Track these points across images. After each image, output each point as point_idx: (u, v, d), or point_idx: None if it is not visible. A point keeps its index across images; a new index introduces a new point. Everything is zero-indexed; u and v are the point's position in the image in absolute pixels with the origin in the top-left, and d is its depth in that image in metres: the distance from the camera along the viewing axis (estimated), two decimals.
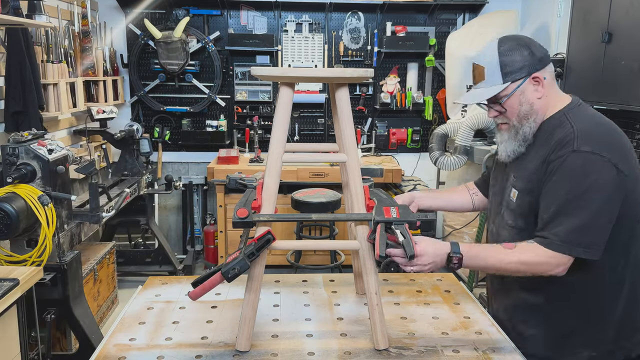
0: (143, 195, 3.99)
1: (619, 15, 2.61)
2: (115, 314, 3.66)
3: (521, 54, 1.44)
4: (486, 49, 1.48)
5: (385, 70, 4.81)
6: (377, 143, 4.86)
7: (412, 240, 1.31)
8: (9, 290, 1.93)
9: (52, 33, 3.50)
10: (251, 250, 1.32)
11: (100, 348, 1.45)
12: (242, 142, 4.81)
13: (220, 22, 4.67)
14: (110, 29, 4.54)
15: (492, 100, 1.50)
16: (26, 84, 2.98)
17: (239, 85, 4.72)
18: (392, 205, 1.41)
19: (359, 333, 1.53)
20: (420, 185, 4.43)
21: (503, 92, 1.46)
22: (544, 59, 1.46)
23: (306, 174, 4.23)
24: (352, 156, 1.43)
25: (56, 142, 2.68)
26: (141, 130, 3.96)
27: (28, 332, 2.36)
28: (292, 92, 1.38)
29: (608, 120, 1.47)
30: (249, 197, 1.48)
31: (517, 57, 1.44)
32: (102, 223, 3.07)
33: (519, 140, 1.50)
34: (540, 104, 1.47)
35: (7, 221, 2.31)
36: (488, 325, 1.59)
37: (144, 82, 4.66)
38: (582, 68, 2.94)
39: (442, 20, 4.76)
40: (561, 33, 3.98)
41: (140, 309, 1.68)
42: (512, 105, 1.47)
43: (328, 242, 2.90)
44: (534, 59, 1.44)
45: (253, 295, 1.40)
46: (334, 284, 1.91)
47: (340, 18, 4.72)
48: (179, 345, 1.45)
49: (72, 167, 2.84)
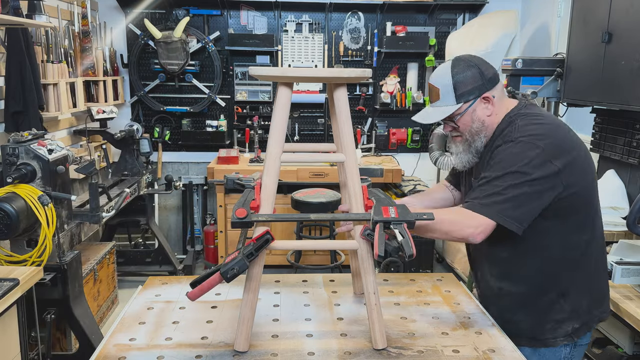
0: (143, 195, 4.00)
1: (619, 15, 2.60)
2: (115, 314, 3.66)
3: (472, 75, 1.56)
4: (440, 71, 1.60)
5: (385, 70, 4.81)
6: (377, 143, 4.86)
7: (410, 239, 1.31)
8: (9, 290, 1.94)
9: (52, 33, 3.50)
10: (250, 251, 1.32)
11: (100, 348, 1.45)
12: (242, 142, 4.81)
13: (220, 22, 4.67)
14: (110, 29, 4.54)
15: (446, 118, 1.61)
16: (26, 84, 2.98)
17: (239, 85, 4.72)
18: (391, 205, 1.41)
19: (359, 333, 1.53)
20: (420, 185, 4.43)
21: (456, 112, 1.58)
22: (493, 79, 1.58)
23: (306, 174, 4.23)
24: (350, 156, 1.43)
25: (56, 142, 2.68)
26: (141, 130, 3.96)
27: (28, 332, 2.36)
28: (290, 92, 1.38)
29: (553, 119, 1.59)
30: (247, 197, 1.48)
31: (468, 79, 1.56)
32: (102, 223, 3.07)
33: (472, 152, 1.63)
34: (490, 120, 1.60)
35: (7, 221, 2.32)
36: (488, 325, 1.59)
37: (144, 82, 4.67)
38: (582, 68, 2.94)
39: (442, 20, 4.76)
40: (561, 33, 3.98)
41: (140, 309, 1.68)
42: (464, 122, 1.60)
43: (327, 242, 2.90)
44: (484, 80, 1.57)
45: (252, 295, 1.40)
46: (334, 284, 1.91)
47: (340, 18, 4.72)
48: (179, 345, 1.45)
49: (72, 167, 2.84)
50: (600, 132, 2.96)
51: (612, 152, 2.84)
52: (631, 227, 1.98)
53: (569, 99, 3.09)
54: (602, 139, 2.94)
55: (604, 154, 2.93)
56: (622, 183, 2.82)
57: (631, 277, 1.99)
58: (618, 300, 1.98)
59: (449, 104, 1.58)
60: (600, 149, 2.95)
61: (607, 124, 2.90)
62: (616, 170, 2.87)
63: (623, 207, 2.70)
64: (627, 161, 2.73)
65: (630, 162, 2.70)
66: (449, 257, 4.46)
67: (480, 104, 1.58)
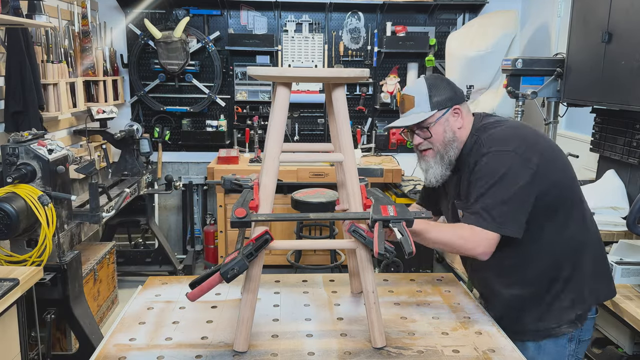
0: (143, 195, 4.00)
1: (619, 15, 2.60)
2: (115, 314, 3.67)
3: (445, 88, 1.66)
4: (415, 83, 1.69)
5: (385, 70, 4.80)
6: (377, 143, 4.86)
7: (410, 237, 1.31)
8: (9, 290, 1.94)
9: (52, 33, 3.50)
10: (250, 251, 1.32)
11: (100, 348, 1.45)
12: (242, 142, 4.81)
13: (220, 22, 4.67)
14: (110, 29, 4.54)
15: (420, 126, 1.65)
16: (26, 84, 2.98)
17: (239, 85, 4.72)
18: (389, 204, 1.41)
19: (359, 333, 1.53)
20: (420, 185, 4.43)
21: (430, 119, 1.63)
22: (462, 96, 1.70)
23: (306, 174, 4.23)
24: (349, 156, 1.43)
25: (56, 142, 2.68)
26: (141, 130, 3.96)
27: (28, 332, 2.36)
28: (289, 92, 1.38)
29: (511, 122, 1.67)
30: (246, 197, 1.48)
31: (442, 89, 1.65)
32: (102, 223, 3.07)
33: (445, 164, 1.67)
34: (460, 133, 1.66)
35: (7, 221, 2.32)
36: (488, 325, 1.59)
37: (144, 82, 4.66)
38: (582, 68, 2.94)
39: (442, 20, 4.76)
40: (561, 33, 3.98)
41: (140, 309, 1.68)
42: (437, 131, 1.64)
43: (325, 242, 2.90)
44: (456, 94, 1.67)
45: (251, 295, 1.40)
46: (334, 284, 1.91)
47: (340, 18, 4.72)
48: (179, 345, 1.45)
49: (72, 167, 2.84)
50: (600, 132, 2.96)
51: (612, 152, 2.84)
52: (631, 227, 1.98)
53: (569, 99, 3.09)
54: (602, 139, 2.94)
55: (604, 154, 2.93)
56: (622, 183, 2.81)
57: (631, 277, 1.99)
58: (618, 300, 1.98)
59: (424, 111, 1.63)
60: (600, 149, 2.95)
61: (607, 124, 2.90)
62: (616, 170, 2.87)
63: (623, 207, 2.70)
64: (627, 161, 2.73)
65: (630, 162, 2.70)
66: (449, 257, 4.46)
67: (451, 115, 1.65)
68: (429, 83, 1.65)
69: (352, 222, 1.42)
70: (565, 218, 1.60)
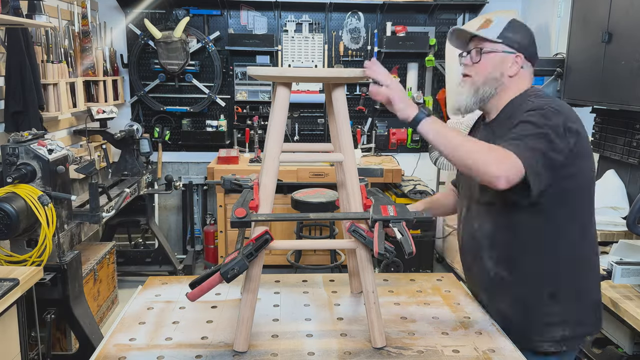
0: (143, 195, 4.00)
1: (619, 15, 2.60)
2: (115, 314, 3.67)
3: (524, 35, 1.58)
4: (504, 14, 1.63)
5: None
6: (377, 143, 4.86)
7: (410, 237, 1.31)
8: (9, 290, 1.94)
9: (52, 33, 3.50)
10: (250, 251, 1.32)
11: (100, 348, 1.45)
12: (242, 142, 4.81)
13: (220, 22, 4.67)
14: (110, 29, 4.54)
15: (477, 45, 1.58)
16: (26, 84, 2.98)
17: (239, 85, 4.72)
18: (389, 204, 1.41)
19: (359, 333, 1.53)
20: (420, 185, 4.43)
21: (489, 44, 1.56)
22: (534, 58, 1.61)
23: (306, 174, 4.23)
24: (349, 155, 1.43)
25: (56, 142, 2.68)
26: (141, 130, 3.96)
27: (28, 332, 2.36)
28: (288, 92, 1.38)
29: None
30: (246, 197, 1.48)
31: (520, 34, 1.57)
32: (102, 223, 3.07)
33: (476, 98, 1.59)
34: (508, 81, 1.57)
35: (7, 221, 2.32)
36: (488, 325, 1.59)
37: (144, 82, 4.67)
38: (582, 68, 2.94)
39: (442, 20, 4.76)
40: (561, 33, 3.98)
41: (140, 309, 1.68)
42: (486, 63, 1.57)
43: (325, 242, 2.90)
44: (530, 47, 1.59)
45: (251, 295, 1.40)
46: (334, 284, 1.91)
47: (340, 18, 4.72)
48: (179, 345, 1.45)
49: (72, 167, 2.85)
50: (600, 132, 2.96)
51: (612, 152, 2.84)
52: (631, 227, 1.98)
53: (569, 98, 3.09)
54: (602, 139, 2.94)
55: (604, 154, 2.93)
56: (622, 183, 2.82)
57: (631, 277, 1.99)
58: (618, 300, 1.98)
59: (491, 35, 1.56)
60: (600, 149, 2.95)
61: (607, 124, 2.90)
62: (616, 170, 2.87)
63: (623, 207, 2.70)
64: (627, 161, 2.73)
65: (630, 162, 2.70)
66: (449, 257, 4.46)
67: (510, 58, 1.56)
68: (514, 22, 1.58)
69: (352, 222, 1.42)
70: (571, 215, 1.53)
